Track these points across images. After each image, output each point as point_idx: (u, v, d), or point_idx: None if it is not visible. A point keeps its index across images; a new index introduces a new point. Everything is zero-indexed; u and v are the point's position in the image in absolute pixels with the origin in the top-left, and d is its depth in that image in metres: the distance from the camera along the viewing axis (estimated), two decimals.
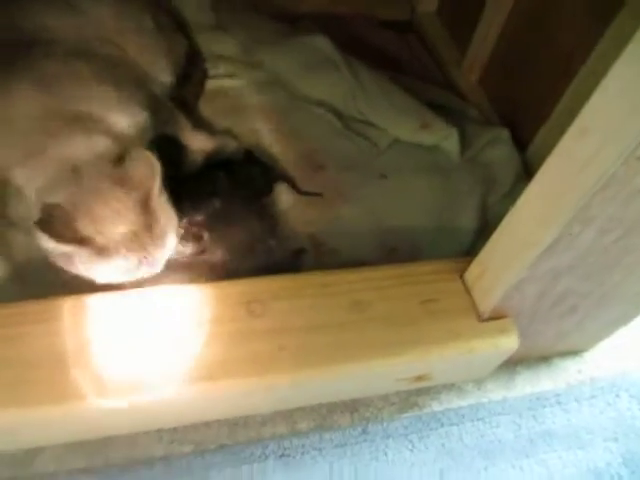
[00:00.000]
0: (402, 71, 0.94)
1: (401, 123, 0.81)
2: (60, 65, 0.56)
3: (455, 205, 0.74)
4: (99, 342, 0.48)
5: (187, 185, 0.64)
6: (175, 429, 0.57)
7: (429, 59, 1.01)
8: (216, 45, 0.85)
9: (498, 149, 0.81)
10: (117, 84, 0.58)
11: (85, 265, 0.51)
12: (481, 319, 0.54)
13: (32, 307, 0.48)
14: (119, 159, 0.53)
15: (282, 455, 0.58)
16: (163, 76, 0.70)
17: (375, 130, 0.81)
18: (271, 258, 0.61)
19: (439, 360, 0.53)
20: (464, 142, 0.81)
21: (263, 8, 0.94)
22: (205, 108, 0.79)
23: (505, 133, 0.82)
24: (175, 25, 0.78)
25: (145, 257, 0.52)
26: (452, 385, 0.65)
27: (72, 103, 0.54)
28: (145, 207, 0.51)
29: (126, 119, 0.57)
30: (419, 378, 0.56)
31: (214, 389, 0.48)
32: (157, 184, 0.52)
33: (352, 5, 1.05)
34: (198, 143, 0.69)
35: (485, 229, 0.71)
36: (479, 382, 0.66)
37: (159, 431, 0.56)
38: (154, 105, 0.62)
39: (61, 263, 0.52)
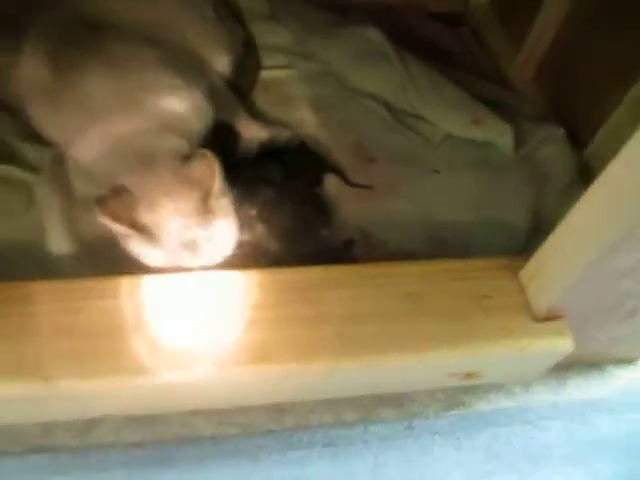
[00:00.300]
0: (454, 65, 0.92)
1: (452, 118, 0.80)
2: (129, 48, 0.58)
3: (507, 202, 0.73)
4: (154, 320, 0.50)
5: (241, 174, 0.65)
6: (223, 411, 0.58)
7: (481, 53, 0.99)
8: (270, 36, 0.86)
9: (553, 147, 0.79)
10: (183, 73, 0.60)
11: (137, 249, 0.53)
12: (535, 319, 0.52)
13: (94, 283, 0.50)
14: (186, 157, 0.54)
15: (328, 444, 0.59)
16: (221, 65, 0.71)
17: (427, 124, 0.80)
18: (323, 248, 0.62)
19: (490, 357, 0.52)
20: (518, 139, 0.79)
21: None
22: (258, 98, 0.80)
23: (560, 131, 0.80)
24: (233, 15, 0.79)
25: (195, 253, 0.53)
26: (500, 386, 0.64)
27: (140, 88, 0.56)
28: (205, 206, 0.53)
29: (191, 108, 0.59)
30: (468, 375, 0.56)
31: (265, 372, 0.49)
32: (217, 183, 0.53)
33: None
34: (253, 132, 0.70)
35: (539, 228, 0.70)
36: (528, 385, 0.64)
37: (208, 412, 0.58)
38: (214, 94, 0.63)
39: (120, 238, 0.54)
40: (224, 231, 0.55)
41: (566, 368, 0.65)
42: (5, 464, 0.55)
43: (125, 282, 0.51)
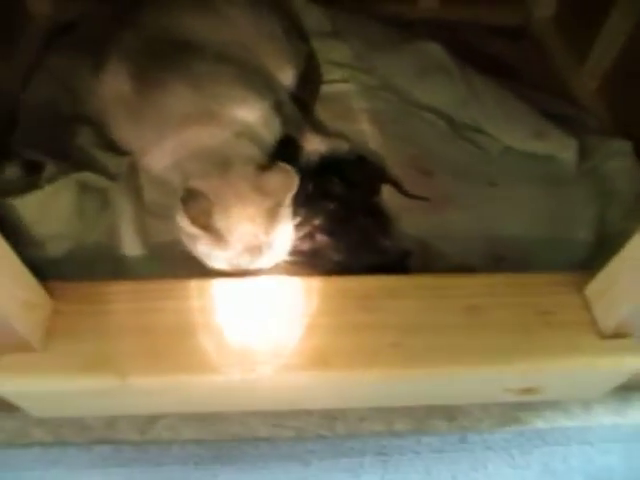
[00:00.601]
0: (516, 78, 0.91)
1: (514, 131, 0.79)
2: (209, 68, 0.62)
3: (569, 217, 0.72)
4: (221, 322, 0.51)
5: (303, 186, 0.66)
6: (279, 414, 0.60)
7: (544, 66, 0.98)
8: (331, 51, 0.87)
9: (619, 162, 0.76)
10: (254, 87, 0.63)
11: (203, 250, 0.55)
12: (602, 336, 0.51)
13: (168, 285, 0.53)
14: (263, 167, 0.57)
15: (380, 453, 0.59)
16: (287, 80, 0.74)
17: (486, 138, 0.80)
18: (384, 258, 0.62)
19: (554, 374, 0.51)
20: (581, 153, 0.77)
21: (376, 13, 0.96)
22: (319, 111, 0.81)
23: (627, 145, 0.78)
24: (297, 31, 0.81)
25: (256, 258, 0.55)
26: (557, 404, 0.62)
27: (220, 104, 0.60)
28: (272, 215, 0.55)
29: (262, 120, 0.62)
30: (528, 390, 0.55)
31: (321, 377, 0.50)
32: (290, 197, 0.55)
33: (464, 11, 1.03)
34: (314, 144, 0.72)
35: (602, 243, 0.68)
36: (587, 404, 0.62)
37: (264, 414, 0.59)
38: (280, 107, 0.66)
39: (185, 241, 0.57)
40: (282, 238, 0.57)
41: (629, 389, 0.63)
42: (71, 453, 0.58)
43: (196, 285, 0.53)
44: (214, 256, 0.56)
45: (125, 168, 0.64)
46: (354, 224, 0.64)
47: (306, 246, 0.61)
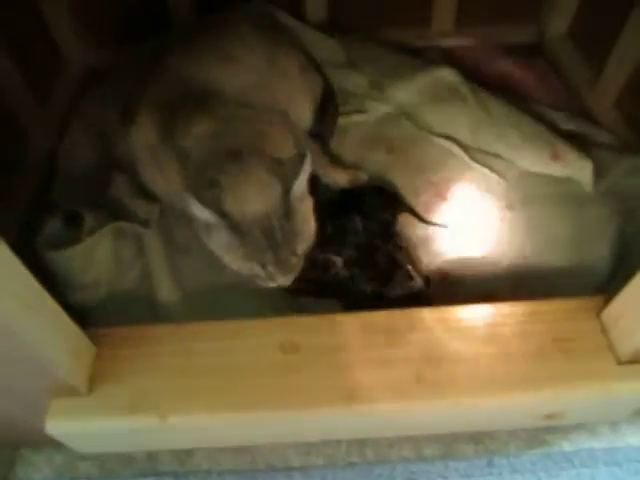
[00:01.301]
0: (530, 97, 0.92)
1: (531, 154, 0.80)
2: (229, 113, 0.63)
3: (588, 238, 0.72)
4: (253, 360, 0.54)
5: (325, 228, 0.67)
6: (310, 443, 0.62)
7: (559, 83, 0.98)
8: (347, 82, 0.90)
9: (637, 179, 0.76)
10: (292, 131, 0.65)
11: (220, 241, 0.56)
12: (619, 361, 0.52)
13: (201, 327, 0.56)
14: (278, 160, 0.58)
15: (409, 479, 0.61)
16: (304, 115, 0.76)
17: (502, 162, 0.81)
18: (410, 287, 0.65)
19: (574, 400, 0.52)
20: (598, 171, 0.77)
21: (391, 39, 0.99)
22: (337, 143, 0.84)
23: None
24: (313, 65, 0.83)
25: (274, 246, 0.55)
26: (584, 425, 0.63)
27: (241, 143, 0.60)
28: (286, 198, 0.55)
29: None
30: (550, 416, 0.56)
31: (350, 410, 0.52)
32: (301, 178, 0.56)
33: (478, 31, 1.05)
34: (333, 177, 0.74)
35: (623, 264, 0.68)
36: (614, 425, 0.63)
37: (297, 443, 0.62)
38: (298, 145, 0.68)
39: (202, 237, 0.58)
40: (304, 229, 0.58)
41: None
42: None
43: (227, 326, 0.56)
44: (231, 248, 0.56)
45: (156, 215, 0.68)
46: (380, 255, 0.66)
47: (335, 279, 0.64)
